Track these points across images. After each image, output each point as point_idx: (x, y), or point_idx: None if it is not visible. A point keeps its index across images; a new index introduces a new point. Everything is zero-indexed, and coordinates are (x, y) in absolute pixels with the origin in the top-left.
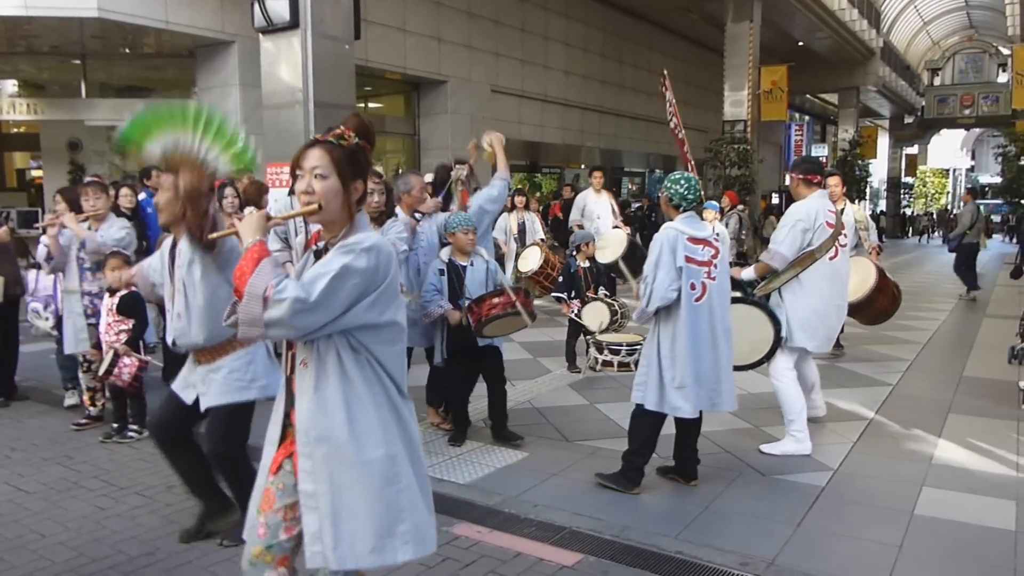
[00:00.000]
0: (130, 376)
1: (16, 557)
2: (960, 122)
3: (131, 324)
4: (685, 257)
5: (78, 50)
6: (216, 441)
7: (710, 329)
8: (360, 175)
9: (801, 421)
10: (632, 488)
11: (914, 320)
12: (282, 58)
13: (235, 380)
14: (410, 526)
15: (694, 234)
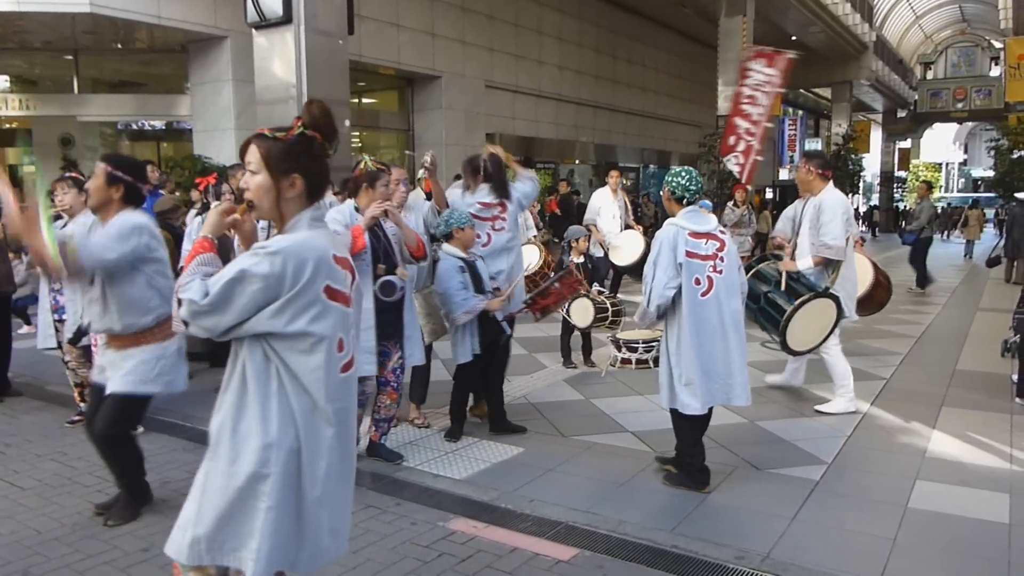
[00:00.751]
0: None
1: (11, 553)
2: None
3: None
4: (686, 252)
5: (70, 46)
6: (108, 424)
7: (719, 323)
8: (299, 169)
9: (850, 384)
10: (702, 488)
11: (907, 314)
12: (275, 53)
13: (141, 372)
14: (262, 548)
15: (696, 228)
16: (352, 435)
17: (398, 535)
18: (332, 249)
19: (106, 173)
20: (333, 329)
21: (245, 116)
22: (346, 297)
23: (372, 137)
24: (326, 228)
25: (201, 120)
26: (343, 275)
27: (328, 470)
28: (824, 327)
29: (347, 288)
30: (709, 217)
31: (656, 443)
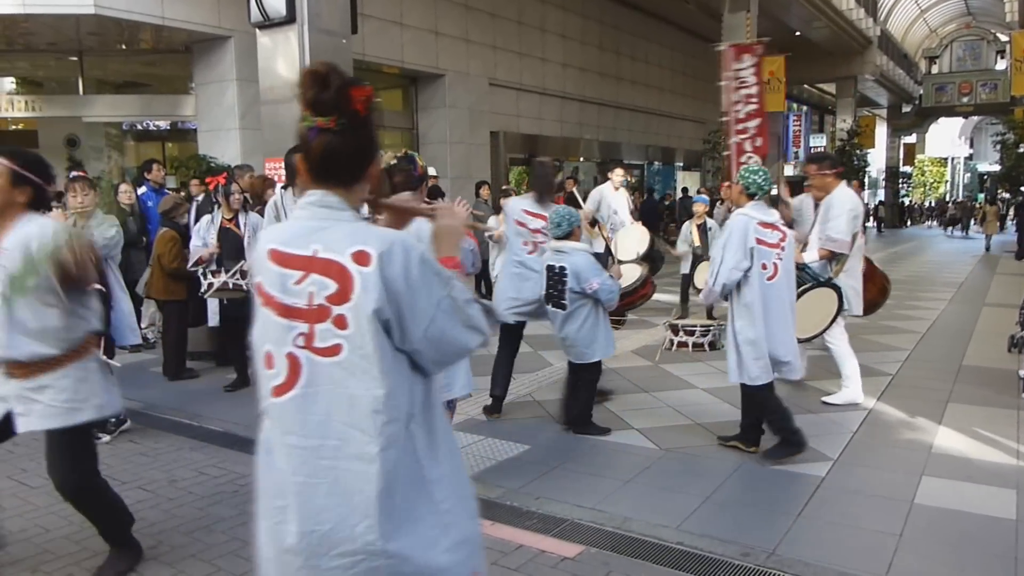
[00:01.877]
0: None
1: (21, 551)
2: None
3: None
4: (756, 239)
5: (75, 47)
6: (65, 473)
7: (783, 304)
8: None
9: (857, 374)
10: (803, 448)
11: (913, 310)
12: (279, 53)
13: (63, 401)
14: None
15: (764, 218)
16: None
17: None
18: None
19: (10, 172)
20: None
21: (249, 116)
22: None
23: (377, 136)
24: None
25: (206, 120)
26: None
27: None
28: (824, 318)
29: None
30: (772, 210)
31: (661, 440)
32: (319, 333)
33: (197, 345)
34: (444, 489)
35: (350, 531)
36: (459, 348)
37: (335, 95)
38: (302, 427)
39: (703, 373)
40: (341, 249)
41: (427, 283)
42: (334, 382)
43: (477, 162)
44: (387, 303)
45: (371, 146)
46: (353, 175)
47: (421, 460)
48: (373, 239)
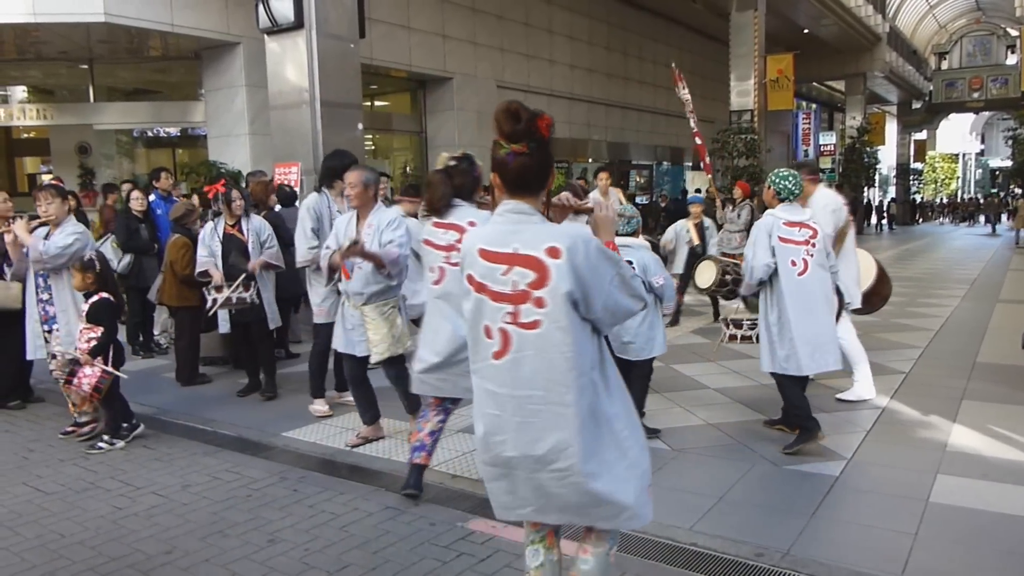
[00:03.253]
0: (90, 387)
1: (36, 556)
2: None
3: (100, 332)
4: (779, 238)
5: (85, 55)
6: None
7: (816, 298)
8: None
9: (867, 368)
10: (817, 432)
11: (926, 307)
12: (288, 58)
13: None
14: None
15: (790, 218)
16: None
17: (417, 535)
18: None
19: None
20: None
21: (259, 121)
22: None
23: (385, 140)
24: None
25: (215, 126)
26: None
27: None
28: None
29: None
30: (804, 211)
31: (674, 441)
32: (523, 312)
33: (210, 350)
34: (620, 422)
35: (558, 455)
36: (626, 313)
37: (526, 126)
38: (514, 382)
39: (717, 372)
40: (536, 246)
41: (602, 266)
42: (536, 349)
43: (486, 164)
44: (576, 286)
45: (550, 161)
46: (540, 185)
47: (602, 401)
48: (560, 236)
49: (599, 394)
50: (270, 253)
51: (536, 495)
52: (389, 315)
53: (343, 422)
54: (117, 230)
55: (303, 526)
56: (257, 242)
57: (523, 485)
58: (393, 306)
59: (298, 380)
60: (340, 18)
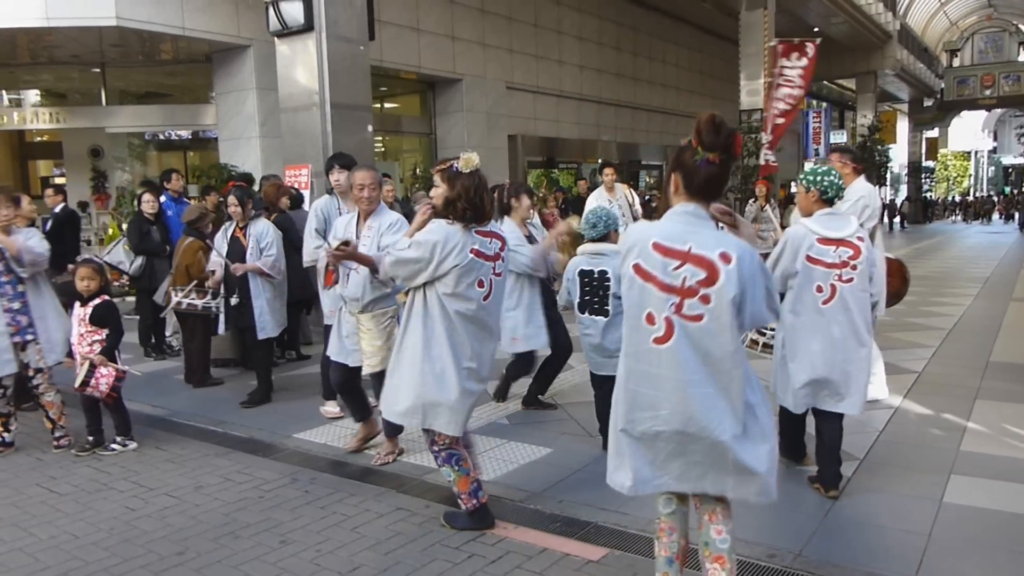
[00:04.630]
0: (108, 386)
1: (50, 557)
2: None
3: (105, 334)
4: (808, 258)
5: (97, 59)
6: None
7: (841, 332)
8: None
9: (881, 370)
10: (803, 459)
11: (938, 306)
12: (298, 61)
13: None
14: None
15: (826, 234)
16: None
17: (428, 537)
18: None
19: None
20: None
21: (269, 124)
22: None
23: (395, 142)
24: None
25: (226, 128)
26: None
27: None
28: None
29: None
30: (848, 221)
31: None
32: (687, 305)
33: (220, 352)
34: (762, 410)
35: (712, 430)
36: (763, 321)
37: (725, 139)
38: (674, 366)
39: None
40: (711, 248)
41: (759, 277)
42: (695, 339)
43: (495, 166)
44: (739, 289)
45: (729, 174)
46: (718, 194)
47: (748, 391)
48: (732, 244)
49: (746, 385)
50: (265, 261)
51: (680, 465)
52: (387, 326)
53: (354, 424)
54: (129, 232)
55: (314, 527)
56: (256, 248)
57: (668, 456)
58: (392, 316)
59: (309, 382)
60: (350, 20)
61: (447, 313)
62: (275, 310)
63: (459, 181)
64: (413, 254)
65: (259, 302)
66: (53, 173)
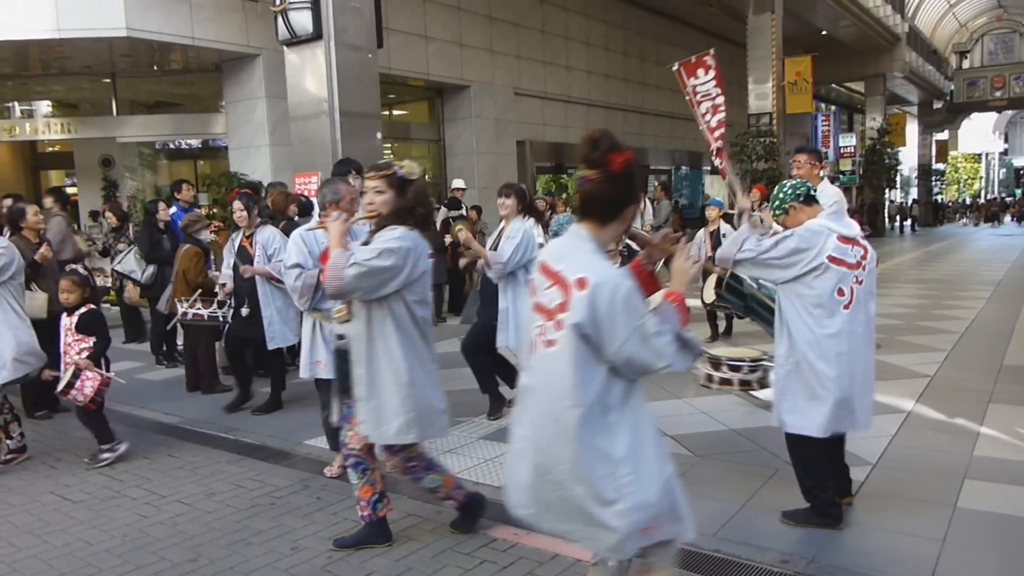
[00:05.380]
0: (92, 390)
1: (64, 564)
2: (991, 105)
3: (92, 341)
4: (830, 258)
5: (108, 69)
6: None
7: (861, 338)
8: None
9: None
10: (837, 524)
11: (950, 309)
12: (307, 69)
13: None
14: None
15: (843, 232)
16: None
17: (440, 543)
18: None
19: None
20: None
21: (279, 132)
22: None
23: (403, 148)
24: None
25: (236, 137)
26: None
27: None
28: None
29: None
30: (850, 221)
31: (696, 447)
32: (547, 329)
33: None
34: (625, 467)
35: (554, 468)
36: (643, 366)
37: (599, 156)
38: (534, 388)
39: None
40: (573, 272)
41: (623, 317)
42: (547, 367)
43: (504, 172)
44: (588, 322)
45: (625, 195)
46: (607, 215)
47: (604, 440)
48: (594, 271)
49: (602, 431)
50: (276, 266)
51: (536, 501)
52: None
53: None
54: (140, 241)
55: (326, 534)
56: (264, 255)
57: (528, 487)
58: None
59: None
60: (358, 29)
61: (416, 320)
62: (287, 319)
63: (411, 187)
64: (386, 262)
65: (268, 311)
66: (64, 183)
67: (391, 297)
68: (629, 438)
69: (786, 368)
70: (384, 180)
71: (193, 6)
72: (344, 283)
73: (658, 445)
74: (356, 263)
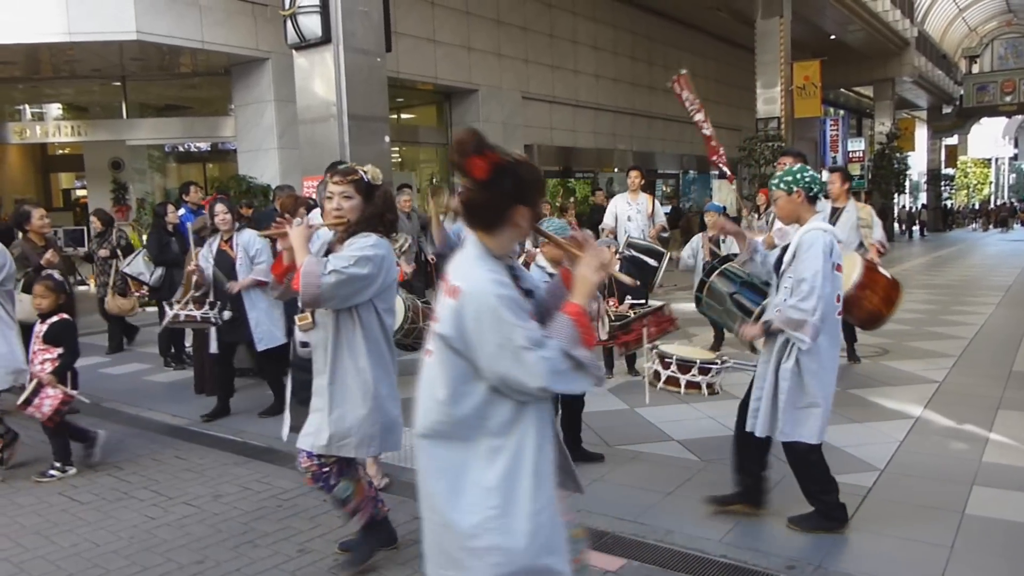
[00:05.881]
0: (51, 409)
1: (72, 565)
2: (1001, 109)
3: (57, 353)
4: (836, 266)
5: (118, 72)
6: None
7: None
8: None
9: None
10: (843, 527)
11: (959, 315)
12: (315, 73)
13: None
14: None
15: (840, 237)
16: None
17: None
18: None
19: None
20: None
21: (287, 135)
22: None
23: (411, 152)
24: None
25: (245, 140)
26: None
27: None
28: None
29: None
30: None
31: (702, 451)
32: (430, 339)
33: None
34: (494, 497)
35: (425, 496)
36: (517, 385)
37: (459, 162)
38: (415, 407)
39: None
40: (452, 280)
41: (492, 331)
42: (426, 377)
43: None
44: (456, 335)
45: (501, 200)
46: (486, 223)
47: (481, 465)
48: (467, 280)
49: (477, 455)
50: (259, 270)
51: (426, 543)
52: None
53: None
54: (149, 244)
55: (333, 536)
56: (246, 257)
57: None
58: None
59: None
60: (367, 33)
61: (385, 329)
62: (274, 319)
63: (377, 193)
64: (363, 270)
65: (254, 313)
66: (75, 185)
67: (362, 305)
68: (505, 467)
69: (783, 377)
70: (352, 185)
71: (203, 10)
72: (321, 291)
73: (540, 484)
74: (335, 271)
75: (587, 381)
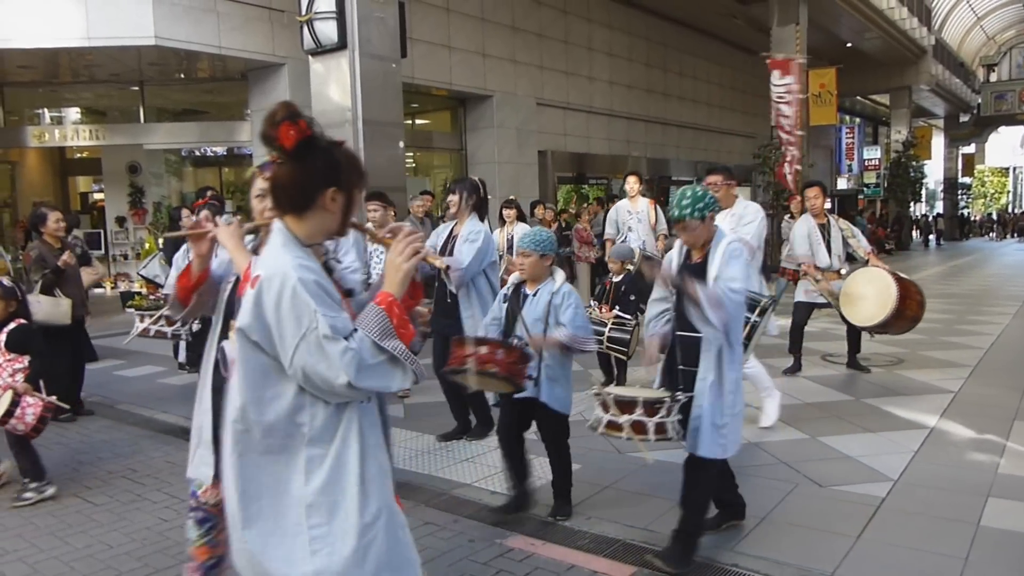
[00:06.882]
0: (34, 418)
1: (85, 566)
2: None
3: (27, 361)
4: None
5: (136, 77)
6: None
7: None
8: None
9: (771, 383)
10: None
11: (975, 324)
12: (331, 79)
13: None
14: None
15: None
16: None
17: (456, 552)
18: None
19: None
20: None
21: None
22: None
23: (426, 157)
24: None
25: (261, 145)
26: None
27: None
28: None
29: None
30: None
31: None
32: (234, 337)
33: None
34: (318, 514)
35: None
36: (321, 381)
37: (270, 131)
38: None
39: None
40: (253, 272)
41: (291, 317)
42: (231, 384)
43: (526, 181)
44: (256, 326)
45: (311, 178)
46: (293, 205)
47: (298, 479)
48: (265, 266)
49: (293, 467)
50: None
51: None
52: None
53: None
54: (165, 247)
55: None
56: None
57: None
58: None
59: None
60: (382, 39)
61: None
62: None
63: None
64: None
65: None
66: (92, 189)
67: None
68: (325, 478)
69: (734, 392)
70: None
71: (220, 16)
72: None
73: (368, 493)
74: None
75: (403, 377)
